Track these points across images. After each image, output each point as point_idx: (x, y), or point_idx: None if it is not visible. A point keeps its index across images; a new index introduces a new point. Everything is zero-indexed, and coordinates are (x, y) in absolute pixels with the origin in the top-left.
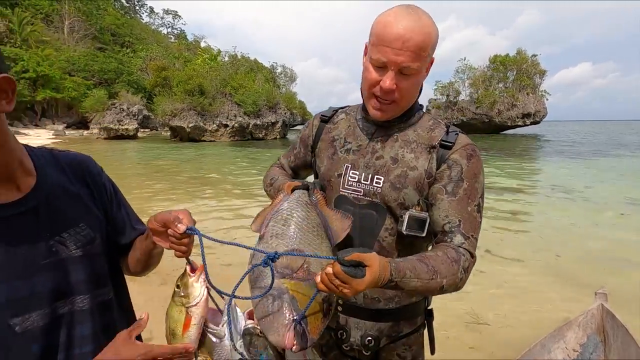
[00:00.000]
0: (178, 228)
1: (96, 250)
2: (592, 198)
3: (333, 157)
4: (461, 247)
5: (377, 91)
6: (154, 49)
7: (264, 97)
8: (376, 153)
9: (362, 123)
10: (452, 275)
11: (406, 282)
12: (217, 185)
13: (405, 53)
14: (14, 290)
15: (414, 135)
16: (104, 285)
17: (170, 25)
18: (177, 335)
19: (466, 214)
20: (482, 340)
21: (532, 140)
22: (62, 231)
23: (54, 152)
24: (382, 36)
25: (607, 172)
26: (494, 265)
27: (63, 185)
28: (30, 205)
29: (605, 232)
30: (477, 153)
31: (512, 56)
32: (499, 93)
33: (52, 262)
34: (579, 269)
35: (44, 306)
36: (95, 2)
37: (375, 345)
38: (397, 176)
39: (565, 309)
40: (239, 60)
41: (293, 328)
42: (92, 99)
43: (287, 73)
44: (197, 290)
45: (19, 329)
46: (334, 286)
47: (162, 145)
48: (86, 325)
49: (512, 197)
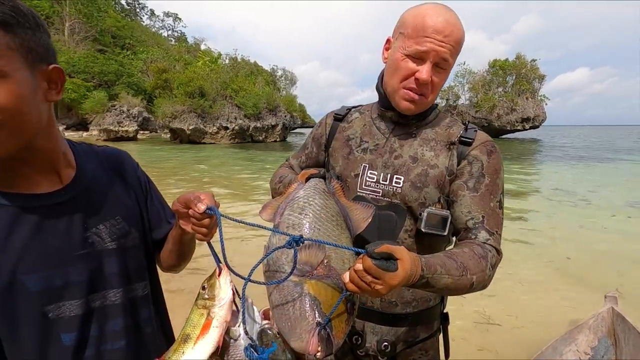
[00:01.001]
0: (198, 207)
1: (131, 243)
2: (595, 201)
3: (349, 157)
4: (487, 243)
5: (411, 82)
6: (155, 51)
7: (264, 100)
8: (395, 152)
9: (379, 122)
10: (481, 272)
11: (437, 278)
12: (223, 185)
13: (447, 45)
14: (49, 279)
15: (432, 133)
16: (138, 280)
17: (171, 28)
18: (190, 340)
19: (489, 209)
20: (493, 341)
21: (531, 145)
22: (98, 223)
23: (93, 147)
24: (422, 28)
25: (608, 177)
26: (505, 267)
27: (101, 179)
28: (70, 196)
29: (613, 234)
30: (497, 149)
31: (512, 61)
32: (499, 97)
33: (87, 254)
34: (590, 270)
35: (77, 297)
36: (96, 4)
37: (391, 350)
38: (418, 175)
39: (577, 310)
40: (240, 63)
41: (317, 333)
42: (92, 100)
43: (287, 76)
44: (223, 292)
45: (52, 315)
46: (365, 284)
47: (162, 147)
48: (118, 320)
49: (516, 200)
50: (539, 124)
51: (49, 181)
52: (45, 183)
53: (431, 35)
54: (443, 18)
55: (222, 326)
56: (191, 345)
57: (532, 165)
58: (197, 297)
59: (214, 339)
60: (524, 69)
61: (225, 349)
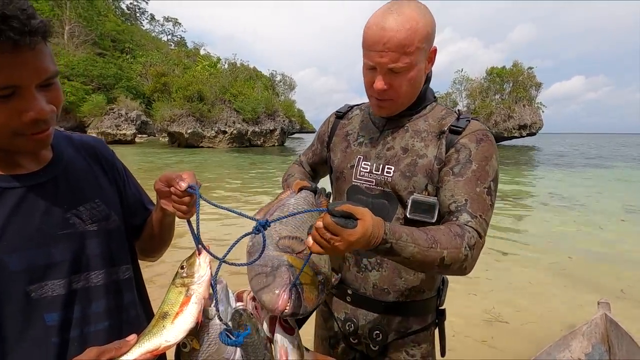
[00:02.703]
0: (180, 185)
1: (111, 226)
2: (592, 206)
3: (346, 150)
4: (467, 224)
5: (373, 92)
6: (154, 55)
7: (263, 105)
8: (387, 144)
9: (374, 117)
10: (454, 248)
11: (402, 245)
12: (221, 187)
13: (388, 54)
14: (31, 258)
15: (424, 125)
16: (121, 263)
17: (171, 33)
18: (169, 316)
19: (474, 194)
20: (499, 338)
21: (528, 151)
22: (78, 205)
23: (66, 133)
24: (366, 41)
25: (606, 182)
26: (509, 266)
27: (79, 163)
28: (49, 177)
29: (613, 235)
30: (490, 138)
31: (509, 68)
32: (496, 104)
33: (69, 234)
34: (592, 271)
35: (59, 277)
36: (96, 8)
37: (383, 339)
38: (407, 165)
39: (580, 309)
40: (239, 68)
41: (288, 289)
42: (91, 103)
43: (286, 81)
44: (202, 269)
45: (35, 295)
46: (324, 241)
47: (160, 150)
48: (101, 301)
49: (515, 203)
50: (536, 131)
51: (27, 162)
52: (24, 164)
53: (372, 48)
54: (381, 26)
55: (201, 303)
56: (170, 320)
57: (529, 171)
58: (174, 277)
59: (192, 314)
60: (520, 76)
61: (201, 328)
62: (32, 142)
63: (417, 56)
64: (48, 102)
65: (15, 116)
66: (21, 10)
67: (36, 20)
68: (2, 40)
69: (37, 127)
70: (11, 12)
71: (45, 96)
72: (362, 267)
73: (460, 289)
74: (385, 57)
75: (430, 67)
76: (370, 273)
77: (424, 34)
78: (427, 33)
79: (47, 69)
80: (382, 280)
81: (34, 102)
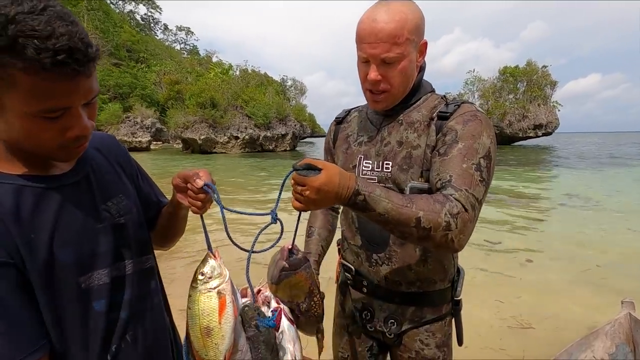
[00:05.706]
0: (196, 183)
1: (135, 219)
2: (616, 207)
3: (347, 151)
4: (451, 196)
5: (368, 85)
6: (168, 64)
7: (275, 110)
8: (384, 140)
9: (371, 116)
10: (432, 212)
11: (376, 199)
12: (235, 192)
13: (380, 45)
14: (80, 252)
15: (417, 115)
16: (145, 253)
17: (184, 41)
18: (214, 327)
19: (460, 170)
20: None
21: (544, 152)
22: (107, 200)
23: None
24: (358, 35)
25: (624, 182)
26: (535, 270)
27: (100, 160)
28: (82, 175)
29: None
30: (479, 117)
31: (522, 67)
32: (510, 104)
33: (105, 227)
34: (619, 273)
35: (102, 266)
36: (112, 19)
37: (397, 328)
38: (403, 158)
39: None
40: (250, 74)
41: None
42: (107, 112)
43: (297, 86)
44: (224, 269)
45: (84, 286)
46: (298, 194)
47: (174, 156)
48: (132, 289)
49: (534, 205)
50: (552, 130)
51: (58, 163)
52: (56, 165)
53: (365, 41)
54: (370, 20)
55: (233, 299)
56: (217, 334)
57: (548, 171)
58: (195, 285)
59: (232, 314)
60: (535, 75)
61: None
62: (72, 153)
63: (408, 47)
64: (88, 117)
65: (62, 133)
66: (81, 40)
67: (93, 49)
68: (66, 71)
69: (78, 142)
70: (74, 45)
71: (87, 112)
72: (373, 262)
73: (487, 295)
74: (378, 48)
75: (422, 60)
76: (381, 267)
77: (413, 26)
78: (416, 24)
79: (94, 90)
80: (392, 273)
81: (80, 120)
